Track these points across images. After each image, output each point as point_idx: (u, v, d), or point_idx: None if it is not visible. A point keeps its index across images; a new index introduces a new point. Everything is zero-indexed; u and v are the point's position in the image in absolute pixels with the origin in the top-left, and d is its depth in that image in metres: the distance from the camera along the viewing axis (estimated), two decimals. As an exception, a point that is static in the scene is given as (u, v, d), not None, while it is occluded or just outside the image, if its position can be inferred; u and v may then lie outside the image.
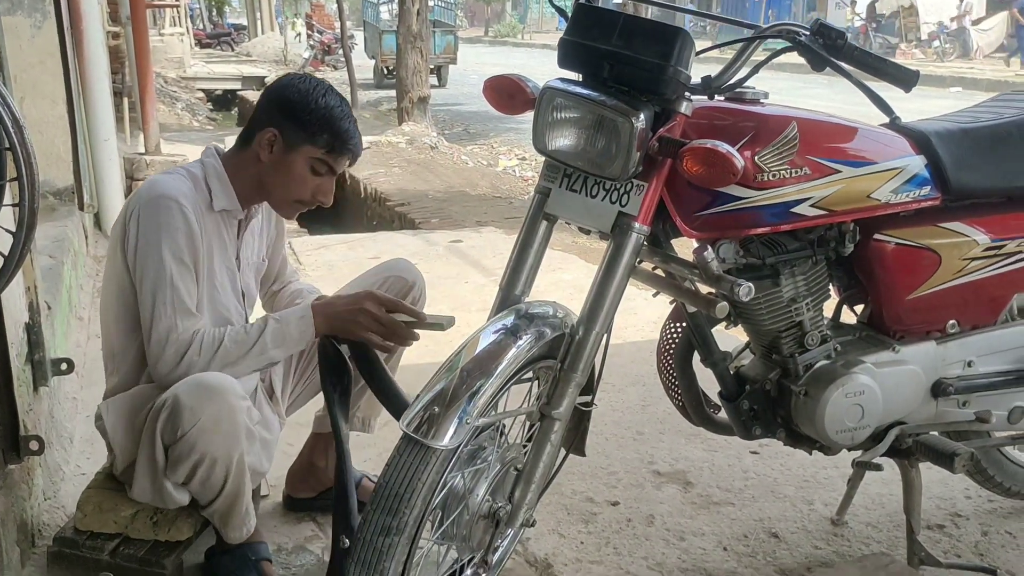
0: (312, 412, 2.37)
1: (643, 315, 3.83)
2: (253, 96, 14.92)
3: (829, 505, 2.43)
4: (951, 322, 2.02)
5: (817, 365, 1.94)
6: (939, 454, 1.96)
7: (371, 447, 2.62)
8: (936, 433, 2.06)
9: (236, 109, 16.38)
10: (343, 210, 8.81)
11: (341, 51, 15.28)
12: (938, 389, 2.00)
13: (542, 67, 1.92)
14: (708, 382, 2.07)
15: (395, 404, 1.86)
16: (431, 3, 16.10)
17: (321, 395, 2.27)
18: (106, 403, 1.98)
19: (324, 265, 4.87)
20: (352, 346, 1.97)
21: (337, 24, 16.56)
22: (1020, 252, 1.98)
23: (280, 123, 1.94)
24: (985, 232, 1.96)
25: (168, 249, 1.86)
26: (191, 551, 2.04)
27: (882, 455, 2.01)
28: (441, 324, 1.98)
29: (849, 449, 2.01)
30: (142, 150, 6.62)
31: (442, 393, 1.60)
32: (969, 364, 2.03)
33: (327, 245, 5.39)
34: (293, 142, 1.94)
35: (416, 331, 2.00)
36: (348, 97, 13.43)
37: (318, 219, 8.48)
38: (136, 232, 1.88)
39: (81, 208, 4.33)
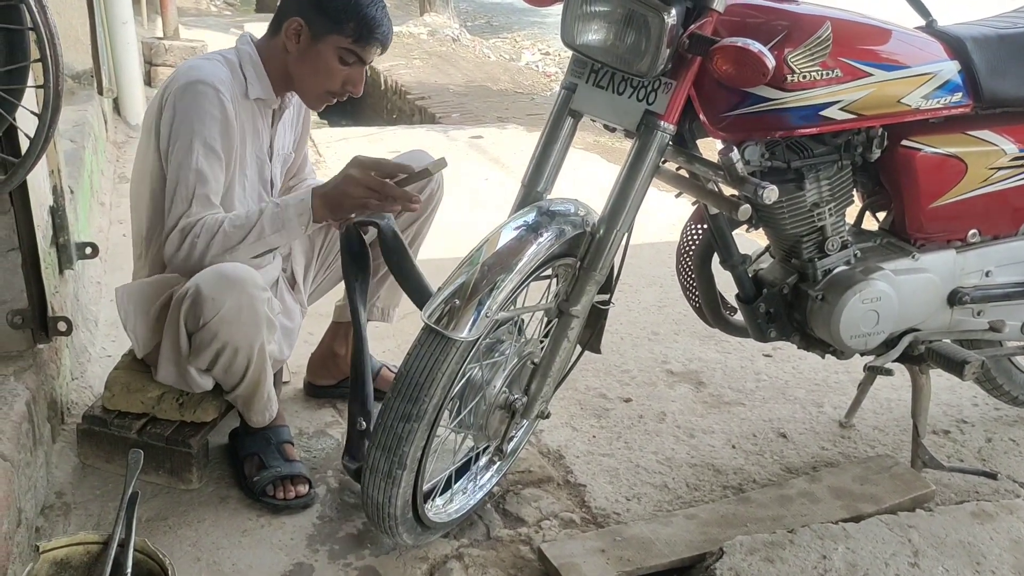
0: (333, 301, 2.41)
1: (662, 217, 3.82)
2: (271, -19, 14.60)
3: (838, 408, 2.47)
4: (972, 231, 2.01)
5: (836, 270, 1.95)
6: (950, 361, 1.98)
7: (390, 338, 2.67)
8: (948, 341, 2.08)
9: (254, -6, 16.03)
10: (363, 102, 8.70)
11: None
12: (954, 298, 2.01)
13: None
14: (725, 284, 2.09)
15: (419, 294, 1.88)
16: None
17: (342, 284, 2.31)
18: (121, 288, 2.01)
19: (345, 157, 4.78)
20: (379, 235, 1.96)
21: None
22: (1049, 163, 1.96)
23: (306, 11, 1.91)
24: (1014, 142, 1.93)
25: (199, 136, 1.86)
26: (216, 432, 2.11)
27: (894, 361, 2.03)
28: (428, 170, 1.92)
29: (862, 354, 2.03)
30: (160, 35, 6.52)
31: (463, 287, 1.62)
32: (987, 274, 2.03)
33: (347, 138, 5.36)
34: (319, 31, 1.91)
35: (410, 189, 1.96)
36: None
37: (337, 111, 8.40)
38: (172, 116, 1.87)
39: (100, 92, 4.30)
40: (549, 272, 1.82)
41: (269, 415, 2.06)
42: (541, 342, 1.89)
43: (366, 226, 1.97)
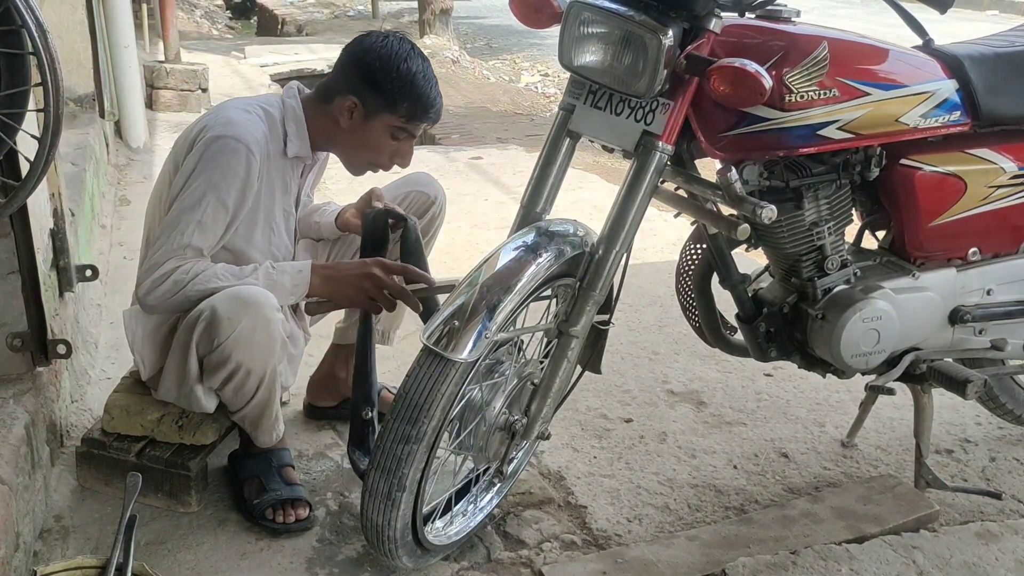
0: (333, 323, 2.40)
1: (662, 236, 3.82)
2: (271, 2, 14.68)
3: (840, 428, 2.46)
4: (973, 250, 2.01)
5: (836, 290, 1.94)
6: (953, 380, 1.98)
7: (391, 359, 2.66)
8: (950, 360, 2.07)
9: (255, 18, 16.14)
10: (363, 124, 8.75)
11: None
12: (955, 316, 2.00)
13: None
14: (725, 304, 2.09)
15: (427, 304, 1.91)
16: (455, -89, 15.61)
17: (342, 308, 2.31)
18: (129, 311, 2.01)
19: (345, 178, 4.84)
20: (403, 233, 2.02)
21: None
22: (1047, 181, 1.96)
23: (361, 91, 1.92)
24: (1013, 160, 1.94)
25: (215, 190, 1.84)
26: (215, 455, 2.10)
27: (895, 380, 2.02)
28: (448, 286, 1.92)
29: (863, 373, 2.03)
30: (162, 58, 6.56)
31: (462, 308, 1.62)
32: (988, 292, 2.03)
33: (347, 158, 5.37)
34: (373, 110, 1.93)
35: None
36: (370, 8, 13.25)
37: (338, 132, 8.46)
38: (196, 161, 1.86)
39: (102, 116, 4.32)
40: (549, 292, 1.82)
41: (276, 435, 2.05)
42: (541, 362, 1.89)
43: (395, 218, 2.03)
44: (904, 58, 1.84)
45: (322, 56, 9.01)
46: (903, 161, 1.88)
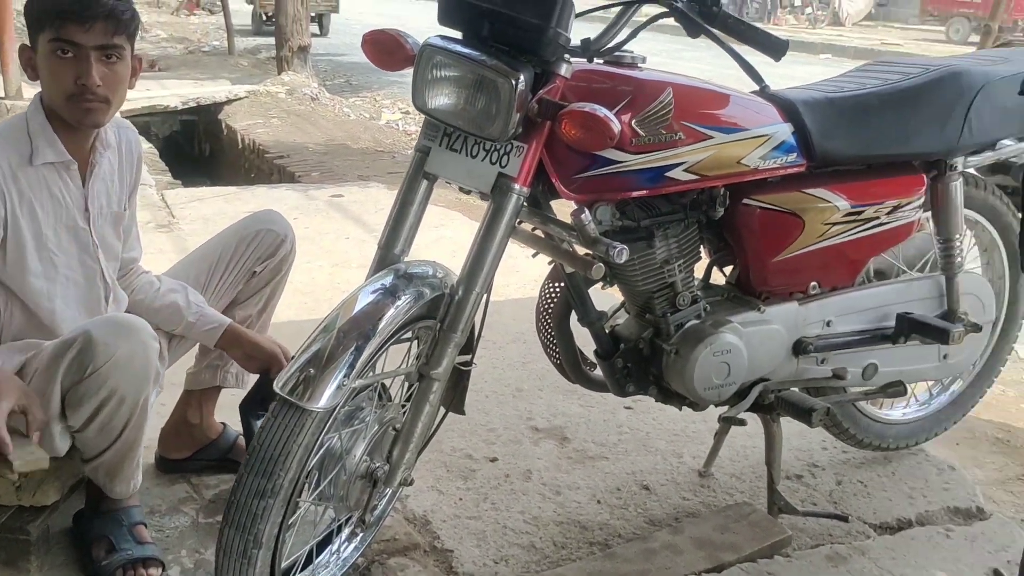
0: (184, 369, 2.31)
1: (525, 273, 3.86)
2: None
3: (697, 458, 2.53)
4: (812, 283, 2.12)
5: (688, 324, 2.00)
6: (799, 409, 2.07)
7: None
8: (796, 389, 2.16)
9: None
10: (219, 162, 8.54)
11: (217, -6, 14.64)
12: (799, 347, 2.10)
13: (430, 19, 1.91)
14: (585, 340, 2.12)
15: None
16: (312, -52, 15.53)
17: (194, 351, 2.23)
18: None
19: (199, 219, 4.71)
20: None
21: (213, -35, 15.84)
22: (877, 217, 2.09)
23: (29, 37, 1.85)
24: (846, 198, 2.05)
25: None
26: (58, 515, 1.97)
27: (746, 410, 2.10)
28: None
29: (716, 405, 2.09)
30: (2, 94, 6.22)
31: (318, 354, 1.58)
32: (828, 324, 2.14)
33: (202, 198, 5.21)
34: (35, 44, 1.84)
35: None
36: (225, 43, 12.96)
37: (193, 170, 8.20)
38: None
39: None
40: (409, 335, 1.80)
41: (135, 485, 1.94)
42: (403, 406, 1.86)
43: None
44: (744, 103, 1.93)
45: (176, 92, 8.76)
46: (745, 201, 1.97)
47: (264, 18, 17.44)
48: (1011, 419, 3.03)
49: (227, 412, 2.28)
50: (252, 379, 2.31)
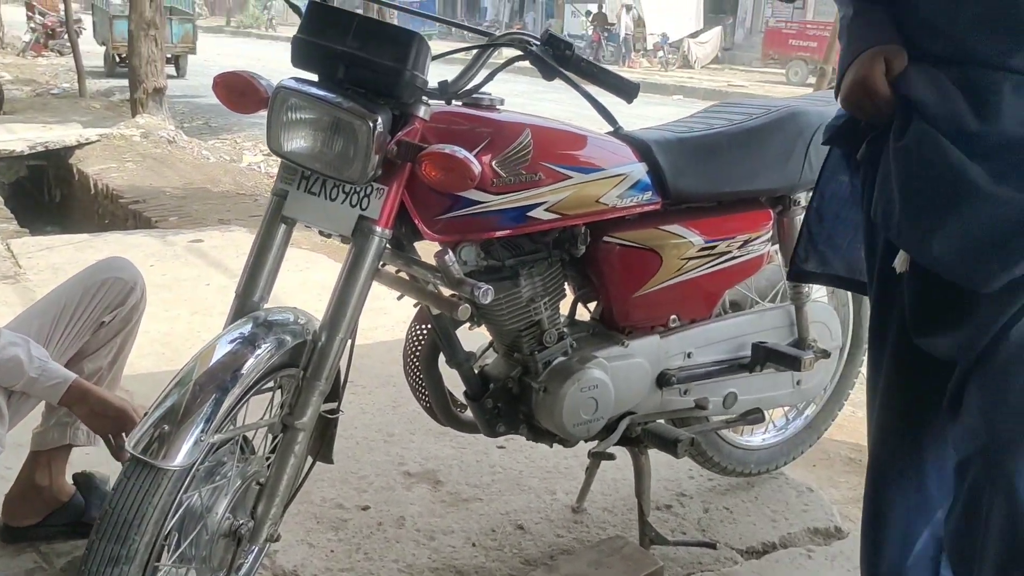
0: (30, 428, 2.16)
1: (394, 315, 3.82)
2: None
3: (570, 494, 2.55)
4: (672, 317, 2.18)
5: (555, 362, 2.02)
6: (664, 440, 2.11)
7: (109, 464, 2.43)
8: (662, 421, 2.21)
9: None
10: (70, 208, 8.15)
11: (67, 35, 14.07)
12: (663, 379, 2.15)
13: (288, 61, 1.89)
14: (454, 382, 2.11)
15: None
16: (166, -11, 15.16)
17: (40, 408, 2.09)
18: None
19: (48, 268, 4.46)
20: None
21: (61, 6, 15.20)
22: (729, 252, 2.17)
23: None
24: (699, 234, 2.12)
25: None
26: None
27: (615, 444, 2.13)
28: None
29: (586, 440, 2.11)
30: None
31: (173, 409, 1.51)
32: (688, 355, 2.20)
33: (52, 247, 4.94)
34: None
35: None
36: (76, 85, 12.44)
37: (42, 218, 7.79)
38: None
39: None
40: (271, 384, 1.74)
41: None
42: (267, 459, 1.80)
43: None
44: (600, 143, 1.98)
45: (22, 136, 8.33)
46: (605, 238, 2.01)
47: (117, 60, 16.90)
48: (861, 439, 3.16)
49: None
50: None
